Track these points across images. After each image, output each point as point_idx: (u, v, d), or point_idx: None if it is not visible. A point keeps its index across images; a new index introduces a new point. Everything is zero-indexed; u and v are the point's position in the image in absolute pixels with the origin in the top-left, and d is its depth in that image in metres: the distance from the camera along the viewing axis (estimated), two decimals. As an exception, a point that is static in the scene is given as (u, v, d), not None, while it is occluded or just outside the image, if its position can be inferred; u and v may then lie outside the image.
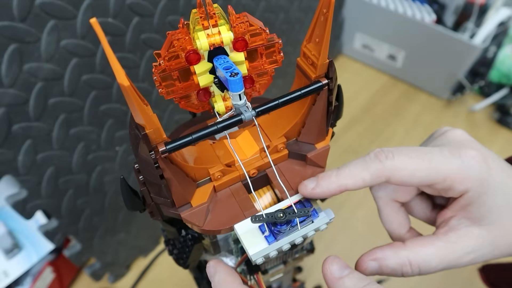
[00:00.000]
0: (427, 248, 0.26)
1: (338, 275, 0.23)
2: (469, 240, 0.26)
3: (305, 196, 0.26)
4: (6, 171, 0.41)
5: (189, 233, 0.30)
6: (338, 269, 0.24)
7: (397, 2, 0.86)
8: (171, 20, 0.50)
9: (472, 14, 0.80)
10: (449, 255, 0.26)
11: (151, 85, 0.52)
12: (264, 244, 0.25)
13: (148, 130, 0.22)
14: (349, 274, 0.23)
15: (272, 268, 0.37)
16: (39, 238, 0.58)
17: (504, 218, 0.26)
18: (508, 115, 0.83)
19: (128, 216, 0.60)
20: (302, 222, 0.25)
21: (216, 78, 0.26)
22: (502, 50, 0.82)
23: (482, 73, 0.82)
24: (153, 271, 0.66)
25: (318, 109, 0.27)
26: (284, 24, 0.72)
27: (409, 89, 0.92)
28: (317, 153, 0.29)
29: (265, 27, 0.25)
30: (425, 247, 0.26)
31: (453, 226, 0.27)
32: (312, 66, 0.26)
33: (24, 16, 0.37)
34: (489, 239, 0.26)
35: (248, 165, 0.28)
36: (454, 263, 0.26)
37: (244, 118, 0.24)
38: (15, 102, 0.39)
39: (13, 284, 0.57)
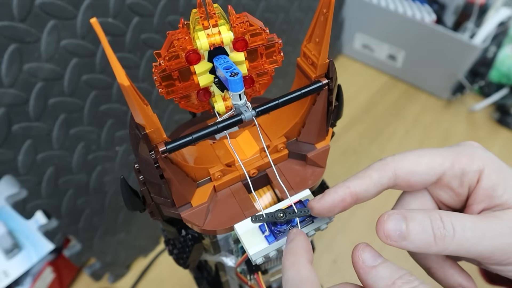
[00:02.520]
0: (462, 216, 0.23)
1: (371, 263, 0.21)
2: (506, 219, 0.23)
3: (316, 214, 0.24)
4: (6, 171, 0.41)
5: (189, 233, 0.30)
6: (370, 258, 0.21)
7: (397, 2, 0.86)
8: (171, 20, 0.50)
9: (472, 14, 0.80)
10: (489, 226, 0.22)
11: (151, 85, 0.52)
12: (264, 244, 0.25)
13: (148, 130, 0.22)
14: (383, 263, 0.21)
15: (272, 268, 0.37)
16: (39, 238, 0.58)
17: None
18: (508, 115, 0.83)
19: (128, 216, 0.60)
20: (302, 222, 0.25)
21: (216, 78, 0.26)
22: (502, 50, 0.82)
23: (482, 73, 0.82)
24: (153, 271, 0.66)
25: (318, 109, 0.27)
26: (284, 24, 0.72)
27: (409, 89, 0.92)
28: (317, 153, 0.29)
29: (265, 27, 0.25)
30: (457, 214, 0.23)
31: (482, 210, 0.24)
32: (312, 66, 0.26)
33: (24, 16, 0.37)
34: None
35: (248, 165, 0.28)
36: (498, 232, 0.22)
37: (244, 118, 0.24)
38: (15, 102, 0.39)
39: (13, 284, 0.57)
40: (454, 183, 0.25)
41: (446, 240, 0.22)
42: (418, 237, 0.22)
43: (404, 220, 0.22)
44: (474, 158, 0.25)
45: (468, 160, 0.25)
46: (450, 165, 0.25)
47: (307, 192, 0.27)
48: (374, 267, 0.21)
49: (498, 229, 0.22)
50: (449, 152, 0.25)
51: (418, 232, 0.22)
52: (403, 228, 0.22)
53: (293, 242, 0.23)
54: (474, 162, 0.24)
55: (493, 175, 0.24)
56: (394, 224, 0.22)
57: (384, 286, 0.20)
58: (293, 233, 0.23)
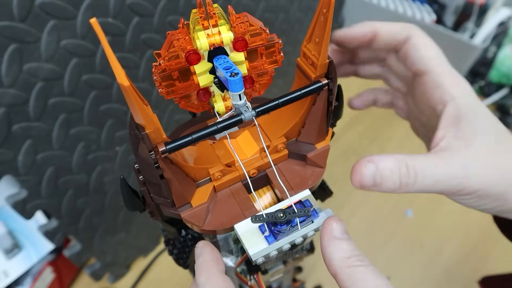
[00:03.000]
0: (423, 157, 0.26)
1: (337, 235, 0.23)
2: (461, 157, 0.26)
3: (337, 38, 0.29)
4: (6, 171, 0.41)
5: (189, 233, 0.30)
6: (339, 230, 0.23)
7: (397, 2, 0.86)
8: (171, 20, 0.50)
9: (472, 14, 0.80)
10: (443, 166, 0.26)
11: (151, 85, 0.52)
12: (264, 244, 0.25)
13: (148, 130, 0.22)
14: (348, 239, 0.23)
15: (272, 268, 0.37)
16: (39, 238, 0.58)
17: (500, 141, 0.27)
18: (508, 115, 0.83)
19: (128, 216, 0.60)
20: (302, 222, 0.25)
21: (216, 78, 0.26)
22: (502, 50, 0.82)
23: (482, 73, 0.82)
24: (153, 271, 0.66)
25: (318, 109, 0.27)
26: (284, 24, 0.72)
27: (409, 89, 0.92)
28: (317, 153, 0.29)
29: (265, 27, 0.25)
30: (421, 156, 0.26)
31: (444, 146, 0.27)
32: (312, 66, 0.26)
33: (24, 16, 0.37)
34: (485, 160, 0.26)
35: (248, 165, 0.28)
36: (450, 176, 0.26)
37: (244, 118, 0.24)
38: (15, 102, 0.39)
39: (13, 284, 0.57)
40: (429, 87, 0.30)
41: (408, 187, 0.26)
42: (386, 184, 0.25)
43: (377, 170, 0.25)
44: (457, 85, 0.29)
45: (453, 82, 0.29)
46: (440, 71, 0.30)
47: (307, 192, 0.27)
48: (339, 239, 0.23)
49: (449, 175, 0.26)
50: (449, 69, 0.30)
51: (387, 181, 0.25)
52: (377, 179, 0.25)
53: (202, 257, 0.24)
54: (455, 87, 0.29)
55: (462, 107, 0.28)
56: (368, 175, 0.25)
57: (340, 257, 0.22)
58: (199, 247, 0.25)
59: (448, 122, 0.28)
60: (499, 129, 0.28)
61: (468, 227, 0.69)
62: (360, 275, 0.22)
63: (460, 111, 0.28)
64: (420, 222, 0.70)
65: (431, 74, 0.30)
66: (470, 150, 0.26)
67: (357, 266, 0.22)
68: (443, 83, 0.29)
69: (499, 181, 0.27)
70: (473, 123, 0.27)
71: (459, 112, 0.28)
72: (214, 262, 0.23)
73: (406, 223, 0.70)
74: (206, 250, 0.24)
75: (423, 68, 0.31)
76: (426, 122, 0.33)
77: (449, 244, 0.68)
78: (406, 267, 0.65)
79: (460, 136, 0.27)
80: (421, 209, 0.71)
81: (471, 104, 0.28)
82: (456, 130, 0.27)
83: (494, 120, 0.28)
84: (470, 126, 0.27)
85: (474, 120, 0.27)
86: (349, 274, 0.22)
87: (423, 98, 0.31)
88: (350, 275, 0.22)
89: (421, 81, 0.31)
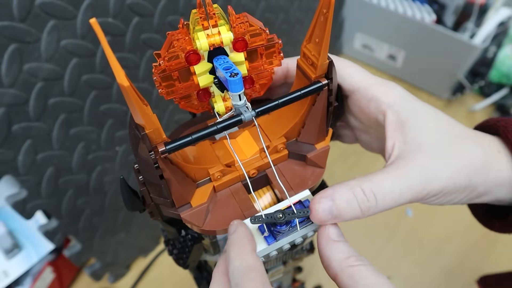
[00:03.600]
0: (379, 174, 0.26)
1: (334, 238, 0.24)
2: (417, 162, 0.26)
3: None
4: (6, 171, 0.41)
5: (189, 233, 0.30)
6: (336, 233, 0.24)
7: (397, 2, 0.86)
8: (171, 20, 0.50)
9: (472, 14, 0.80)
10: (401, 178, 0.26)
11: (151, 85, 0.52)
12: (263, 244, 0.25)
13: (148, 130, 0.22)
14: (344, 241, 0.23)
15: (272, 269, 0.37)
16: (39, 238, 0.58)
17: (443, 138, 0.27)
18: (508, 115, 0.83)
19: (128, 216, 0.60)
20: (302, 222, 0.25)
21: (216, 78, 0.26)
22: (502, 50, 0.82)
23: (482, 73, 0.82)
24: (153, 271, 0.66)
25: (318, 109, 0.27)
26: (284, 24, 0.72)
27: (409, 89, 0.90)
28: (317, 154, 0.29)
29: (265, 27, 0.25)
30: (376, 174, 0.26)
31: (397, 156, 0.27)
32: (312, 66, 0.26)
33: (24, 16, 0.37)
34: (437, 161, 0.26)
35: (248, 165, 0.28)
36: (408, 189, 0.26)
37: (244, 119, 0.24)
38: (15, 102, 0.39)
39: (13, 284, 0.57)
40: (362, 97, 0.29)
41: (371, 210, 0.25)
42: (347, 214, 0.25)
43: (333, 203, 0.24)
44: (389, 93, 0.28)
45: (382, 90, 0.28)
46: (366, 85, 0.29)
47: (306, 193, 0.27)
48: (336, 241, 0.23)
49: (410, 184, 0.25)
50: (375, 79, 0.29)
51: (347, 211, 0.25)
52: (334, 211, 0.24)
53: (236, 233, 0.24)
54: (387, 94, 0.28)
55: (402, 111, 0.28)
56: (325, 211, 0.24)
57: (339, 258, 0.23)
58: (235, 224, 0.24)
59: (393, 129, 0.28)
60: (443, 121, 0.28)
61: (467, 227, 0.69)
62: (361, 274, 0.22)
63: (400, 117, 0.28)
64: (420, 222, 0.70)
65: (359, 91, 0.29)
66: (422, 152, 0.26)
67: (357, 266, 0.22)
68: (375, 95, 0.29)
69: (459, 173, 0.27)
70: (417, 125, 0.27)
71: (400, 117, 0.28)
72: (247, 239, 0.23)
73: (406, 223, 0.70)
74: (241, 228, 0.24)
75: (349, 88, 0.29)
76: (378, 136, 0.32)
77: (449, 244, 0.68)
78: (406, 267, 0.65)
79: (408, 140, 0.27)
80: (421, 209, 0.71)
81: (408, 106, 0.28)
82: (402, 135, 0.27)
83: (435, 113, 0.28)
84: (414, 128, 0.27)
85: (417, 121, 0.27)
86: (350, 273, 0.22)
87: (363, 114, 0.31)
88: (350, 275, 0.22)
89: (353, 100, 0.30)
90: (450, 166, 0.26)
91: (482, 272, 0.46)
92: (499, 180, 0.28)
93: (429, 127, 0.27)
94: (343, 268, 0.22)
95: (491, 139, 0.29)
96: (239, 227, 0.24)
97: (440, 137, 0.27)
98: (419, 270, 0.65)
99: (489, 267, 0.64)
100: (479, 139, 0.29)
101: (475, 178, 0.27)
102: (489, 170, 0.28)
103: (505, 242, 0.67)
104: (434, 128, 0.27)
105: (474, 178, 0.27)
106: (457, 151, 0.27)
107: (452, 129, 0.28)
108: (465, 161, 0.27)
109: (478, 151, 0.27)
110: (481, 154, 0.27)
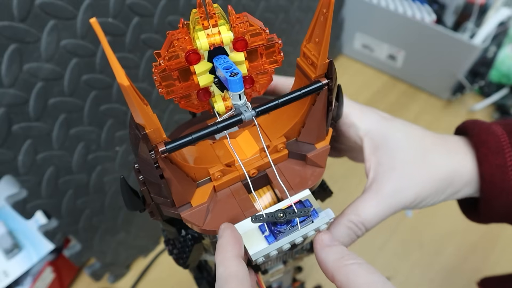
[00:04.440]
0: (362, 202, 0.31)
1: (328, 243, 0.25)
2: (389, 184, 0.31)
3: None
4: (6, 171, 0.41)
5: (189, 233, 0.30)
6: (328, 239, 0.25)
7: (397, 2, 0.86)
8: (171, 20, 0.50)
9: (472, 14, 0.80)
10: (380, 203, 0.30)
11: (151, 85, 0.52)
12: (264, 244, 0.25)
13: (148, 130, 0.22)
14: (338, 245, 0.25)
15: (272, 268, 0.37)
16: (39, 238, 0.58)
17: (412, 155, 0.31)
18: (508, 115, 0.83)
19: (128, 216, 0.60)
20: (302, 222, 0.26)
21: (216, 78, 0.26)
22: (502, 50, 0.82)
23: (482, 73, 0.82)
24: (153, 271, 0.66)
25: (318, 109, 0.27)
26: (284, 24, 0.72)
27: (409, 89, 0.92)
28: (317, 153, 0.29)
29: (265, 27, 0.25)
30: (360, 202, 0.31)
31: (373, 178, 0.31)
32: (312, 66, 0.26)
33: (24, 16, 0.37)
34: (406, 178, 0.31)
35: (248, 165, 0.28)
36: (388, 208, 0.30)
37: (244, 118, 0.24)
38: (15, 102, 0.39)
39: (13, 284, 0.57)
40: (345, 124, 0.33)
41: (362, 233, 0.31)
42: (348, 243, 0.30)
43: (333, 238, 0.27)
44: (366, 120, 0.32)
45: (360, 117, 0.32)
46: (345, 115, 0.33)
47: (307, 192, 0.27)
48: (329, 245, 0.25)
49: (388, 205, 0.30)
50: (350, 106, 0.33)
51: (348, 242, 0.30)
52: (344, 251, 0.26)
53: (221, 239, 0.24)
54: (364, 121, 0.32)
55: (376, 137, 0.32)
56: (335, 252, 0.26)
57: (333, 259, 0.24)
58: (221, 229, 0.25)
59: (369, 153, 0.32)
60: (414, 137, 0.32)
61: (468, 227, 0.68)
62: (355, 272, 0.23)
63: (375, 141, 0.32)
64: (420, 222, 0.70)
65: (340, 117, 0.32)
66: (394, 172, 0.31)
67: (351, 264, 0.23)
68: (353, 122, 0.33)
69: (426, 185, 0.31)
70: (389, 148, 0.31)
71: (374, 142, 0.32)
72: (230, 246, 0.24)
73: (406, 223, 0.70)
74: (226, 233, 0.24)
75: None
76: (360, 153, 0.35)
77: (449, 244, 0.68)
78: (406, 267, 0.65)
79: (383, 162, 0.31)
80: (421, 210, 0.71)
81: (382, 131, 0.32)
82: (377, 158, 0.32)
83: (407, 131, 0.32)
84: (387, 151, 0.31)
85: (389, 145, 0.31)
86: (345, 273, 0.23)
87: (344, 138, 0.35)
88: (345, 274, 0.23)
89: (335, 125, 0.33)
90: (419, 180, 0.31)
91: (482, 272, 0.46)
92: (465, 181, 0.32)
93: (400, 148, 0.31)
94: (339, 268, 0.23)
95: (461, 143, 0.34)
96: (224, 231, 0.24)
97: (410, 154, 0.31)
98: (419, 270, 0.65)
99: (489, 267, 0.64)
100: (448, 146, 0.33)
101: (441, 185, 0.32)
102: (455, 174, 0.32)
103: (505, 242, 0.67)
104: (405, 147, 0.31)
105: (440, 186, 0.32)
106: (425, 165, 0.31)
107: (422, 144, 0.32)
108: (431, 173, 0.31)
109: (445, 161, 0.32)
110: (447, 163, 0.32)
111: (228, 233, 0.24)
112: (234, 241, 0.24)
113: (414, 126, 0.33)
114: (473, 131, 0.33)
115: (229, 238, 0.24)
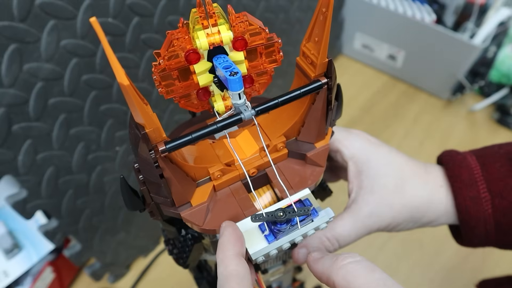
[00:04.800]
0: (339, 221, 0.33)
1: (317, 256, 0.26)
2: (367, 206, 0.33)
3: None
4: (6, 171, 0.41)
5: (189, 233, 0.30)
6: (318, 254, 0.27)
7: (397, 2, 0.86)
8: (171, 20, 0.50)
9: (472, 14, 0.80)
10: (356, 222, 0.33)
11: (151, 85, 0.52)
12: (264, 243, 0.25)
13: (148, 130, 0.22)
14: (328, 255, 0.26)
15: (272, 268, 0.37)
16: (39, 238, 0.58)
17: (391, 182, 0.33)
18: (508, 115, 0.83)
19: (128, 216, 0.60)
20: (302, 221, 0.26)
21: (215, 77, 0.26)
22: (502, 50, 0.82)
23: (482, 73, 0.82)
24: (153, 271, 0.66)
25: (317, 108, 0.27)
26: (284, 24, 0.72)
27: (409, 89, 0.92)
28: (316, 152, 0.29)
29: (264, 27, 0.25)
30: (337, 222, 0.33)
31: (353, 199, 0.34)
32: (311, 65, 0.26)
33: (24, 16, 0.37)
34: (383, 203, 0.33)
35: (247, 164, 0.28)
36: (363, 228, 0.33)
37: (243, 118, 0.24)
38: (15, 102, 0.39)
39: (13, 284, 0.57)
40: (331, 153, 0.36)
41: (335, 249, 0.33)
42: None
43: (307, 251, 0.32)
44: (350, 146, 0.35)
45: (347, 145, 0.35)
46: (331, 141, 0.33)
47: (306, 192, 0.27)
48: (320, 258, 0.26)
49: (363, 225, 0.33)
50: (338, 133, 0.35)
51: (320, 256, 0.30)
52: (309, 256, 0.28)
53: (222, 237, 0.24)
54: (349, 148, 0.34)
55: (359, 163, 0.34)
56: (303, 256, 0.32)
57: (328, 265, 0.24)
58: (222, 227, 0.25)
59: (353, 177, 0.34)
60: (395, 164, 0.34)
61: (468, 227, 0.68)
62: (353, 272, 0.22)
63: (358, 166, 0.34)
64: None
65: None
66: (373, 196, 0.33)
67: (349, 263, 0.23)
68: (339, 148, 0.35)
69: (401, 212, 0.33)
70: (370, 173, 0.34)
71: (357, 167, 0.34)
72: (231, 244, 0.24)
73: (406, 223, 0.70)
74: (227, 231, 0.24)
75: None
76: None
77: (449, 244, 0.67)
78: (406, 267, 0.65)
79: (363, 186, 0.33)
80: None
81: (365, 157, 0.34)
82: (359, 181, 0.34)
83: (390, 159, 0.35)
84: (368, 176, 0.34)
85: (371, 170, 0.34)
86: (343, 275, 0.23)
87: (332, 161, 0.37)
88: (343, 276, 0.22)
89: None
90: (395, 207, 0.33)
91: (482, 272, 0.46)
92: (440, 211, 0.35)
93: (381, 174, 0.34)
94: (336, 271, 0.23)
95: (439, 174, 0.36)
96: (225, 229, 0.24)
97: (389, 181, 0.34)
98: (419, 270, 0.65)
99: (489, 267, 0.64)
100: (426, 177, 0.35)
101: (417, 214, 0.34)
102: (430, 205, 0.34)
103: (505, 242, 0.67)
104: (385, 174, 0.34)
105: (415, 214, 0.34)
106: (402, 193, 0.34)
107: (402, 173, 0.34)
108: (407, 201, 0.34)
109: (421, 191, 0.34)
110: (423, 193, 0.34)
111: (229, 231, 0.24)
112: (235, 239, 0.24)
113: (397, 154, 0.36)
114: (447, 165, 0.35)
115: (230, 236, 0.24)
